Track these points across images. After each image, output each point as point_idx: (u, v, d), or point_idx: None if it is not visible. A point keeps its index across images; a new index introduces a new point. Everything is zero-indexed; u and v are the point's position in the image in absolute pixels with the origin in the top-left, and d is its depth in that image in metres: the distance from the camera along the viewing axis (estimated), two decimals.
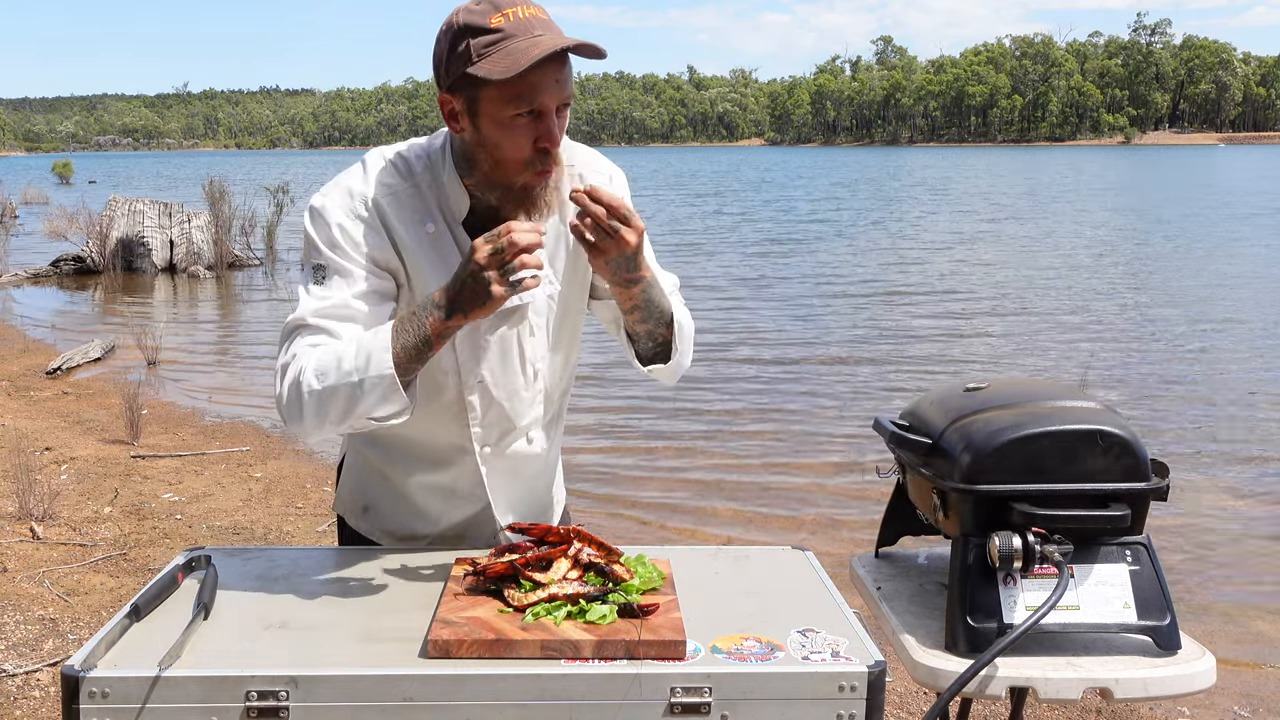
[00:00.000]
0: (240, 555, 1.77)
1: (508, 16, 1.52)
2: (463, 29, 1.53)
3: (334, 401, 1.52)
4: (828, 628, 1.49)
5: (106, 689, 1.32)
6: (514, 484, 1.85)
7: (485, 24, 1.52)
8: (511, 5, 1.53)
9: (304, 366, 1.55)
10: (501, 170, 1.59)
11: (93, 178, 54.90)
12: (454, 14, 1.56)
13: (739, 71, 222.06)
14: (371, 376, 1.50)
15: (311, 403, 1.53)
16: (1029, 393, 1.69)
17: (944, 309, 12.20)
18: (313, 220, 1.64)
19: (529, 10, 1.53)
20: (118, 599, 4.27)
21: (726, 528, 5.41)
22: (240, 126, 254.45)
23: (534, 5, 1.55)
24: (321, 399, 1.52)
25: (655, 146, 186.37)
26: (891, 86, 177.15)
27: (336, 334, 1.59)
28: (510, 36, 1.51)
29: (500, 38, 1.51)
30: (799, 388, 8.49)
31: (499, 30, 1.51)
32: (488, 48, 1.51)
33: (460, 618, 1.44)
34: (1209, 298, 12.88)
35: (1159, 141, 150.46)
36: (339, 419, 1.54)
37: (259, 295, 14.77)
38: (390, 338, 1.51)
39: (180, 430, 7.19)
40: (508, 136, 1.56)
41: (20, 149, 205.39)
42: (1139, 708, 3.51)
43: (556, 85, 1.53)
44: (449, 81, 1.56)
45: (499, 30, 1.51)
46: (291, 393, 1.55)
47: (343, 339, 1.58)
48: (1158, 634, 1.54)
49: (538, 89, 1.52)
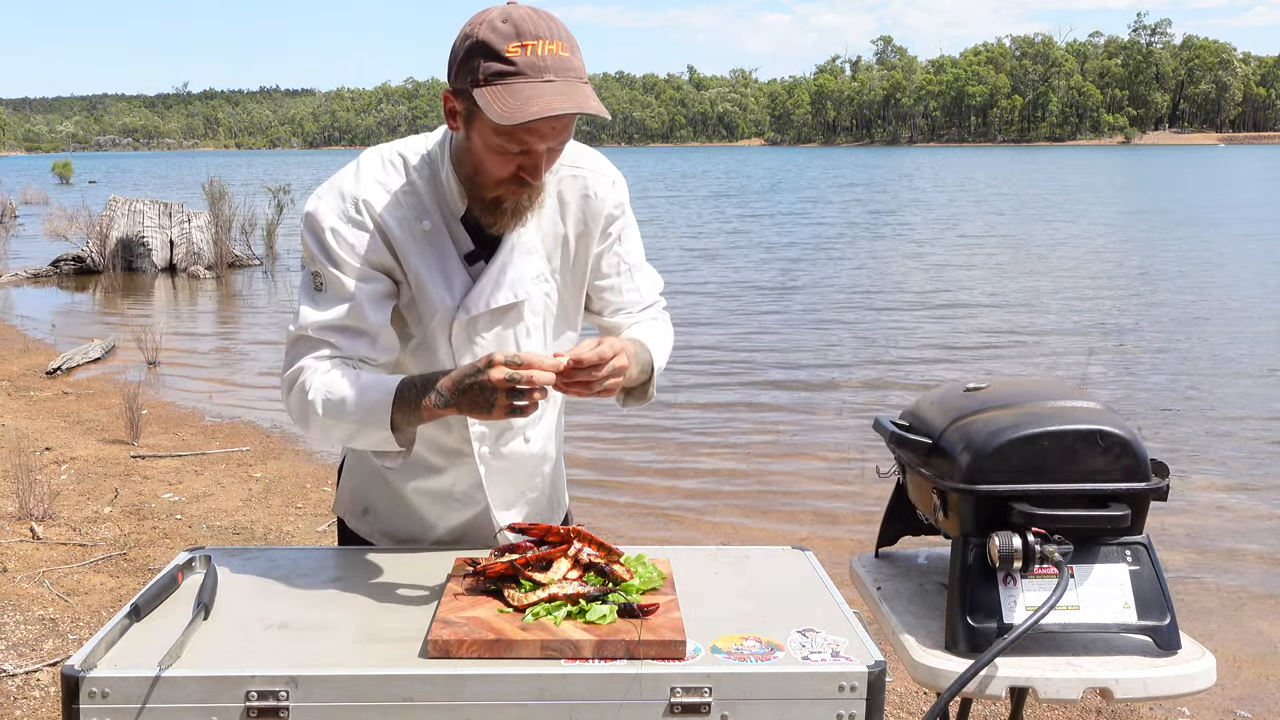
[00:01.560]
0: (240, 555, 1.77)
1: (525, 50, 1.48)
2: (479, 45, 1.51)
3: (335, 432, 1.63)
4: (828, 628, 1.49)
5: (106, 689, 1.32)
6: (512, 485, 1.85)
7: (502, 50, 1.48)
8: (534, 37, 1.49)
9: (312, 389, 1.60)
10: (479, 179, 1.61)
11: (93, 178, 54.86)
12: (480, 20, 1.53)
13: (739, 71, 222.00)
14: (370, 427, 1.59)
15: (316, 426, 1.63)
16: (1029, 393, 1.69)
17: (944, 309, 12.20)
18: (307, 227, 1.65)
19: (550, 46, 1.49)
20: (118, 599, 4.27)
21: (727, 527, 5.41)
22: (240, 126, 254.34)
23: (559, 40, 1.51)
24: (325, 428, 1.62)
25: (655, 146, 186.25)
26: (891, 86, 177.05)
27: (340, 346, 1.63)
28: (520, 75, 1.48)
29: (510, 72, 1.48)
30: (799, 387, 8.49)
31: (512, 64, 1.48)
32: (495, 78, 1.49)
33: (460, 618, 1.44)
34: (1210, 298, 12.88)
35: (1159, 141, 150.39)
36: (341, 445, 1.66)
37: (259, 295, 14.76)
38: (392, 398, 1.57)
39: (180, 430, 7.19)
40: (492, 158, 1.57)
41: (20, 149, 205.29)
42: (1139, 708, 3.51)
43: (551, 132, 1.53)
44: (454, 85, 1.56)
45: (512, 64, 1.48)
46: (297, 409, 1.64)
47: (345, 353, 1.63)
48: (1158, 634, 1.53)
49: (530, 134, 1.52)
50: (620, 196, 1.80)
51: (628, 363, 1.60)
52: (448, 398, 1.53)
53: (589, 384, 1.55)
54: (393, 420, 1.56)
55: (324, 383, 1.60)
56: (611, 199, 1.78)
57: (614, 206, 1.78)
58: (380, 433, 1.58)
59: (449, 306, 1.68)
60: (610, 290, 1.83)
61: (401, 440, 1.61)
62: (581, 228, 1.76)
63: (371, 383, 1.59)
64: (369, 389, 1.58)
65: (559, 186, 1.74)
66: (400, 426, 1.58)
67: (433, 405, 1.54)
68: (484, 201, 1.63)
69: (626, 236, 1.83)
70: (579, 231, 1.76)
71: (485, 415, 1.52)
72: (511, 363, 1.48)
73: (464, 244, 1.69)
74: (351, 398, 1.58)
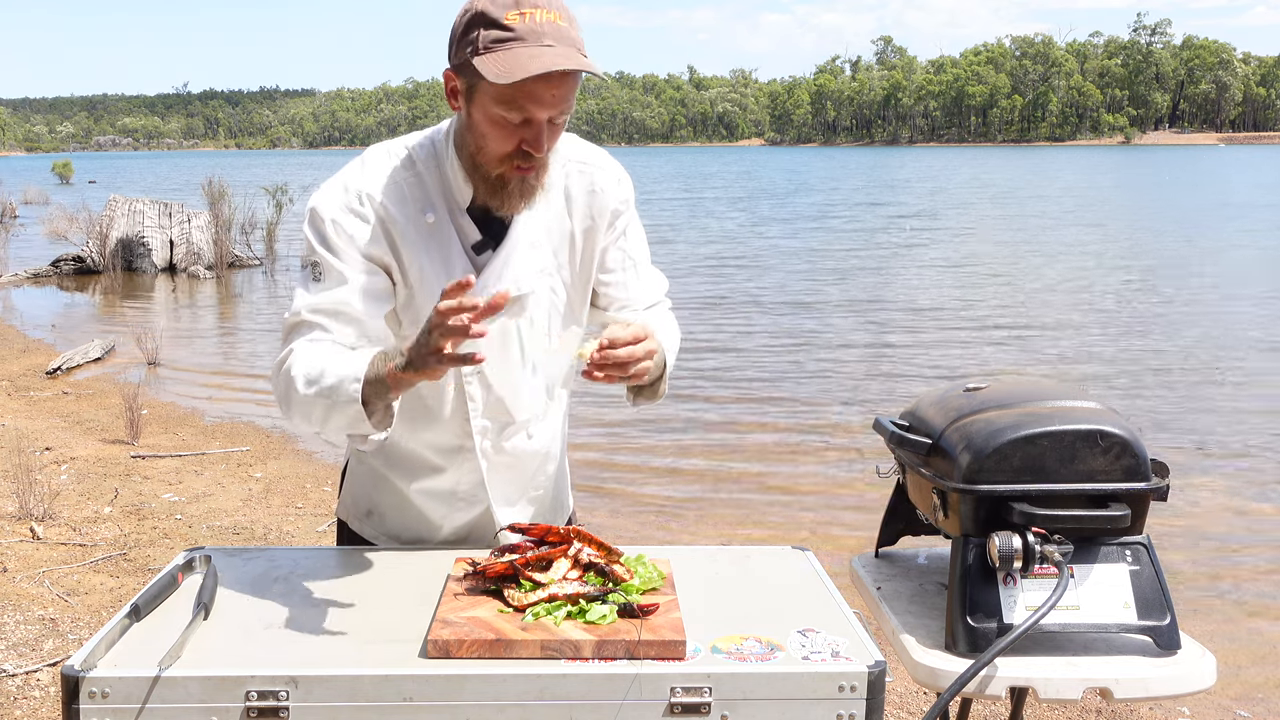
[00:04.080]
0: (240, 555, 1.77)
1: (524, 17, 1.50)
2: (478, 15, 1.53)
3: (313, 411, 1.57)
4: (828, 628, 1.49)
5: (106, 689, 1.32)
6: (514, 483, 1.85)
7: (500, 18, 1.51)
8: (534, 5, 1.51)
9: (294, 367, 1.58)
10: (482, 157, 1.60)
11: (93, 178, 54.84)
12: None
13: (739, 71, 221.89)
14: (342, 401, 1.52)
15: (298, 406, 1.58)
16: (1029, 393, 1.69)
17: (946, 308, 12.19)
18: (309, 218, 1.65)
19: (549, 14, 1.51)
20: (118, 599, 4.27)
21: (727, 528, 5.40)
22: (240, 127, 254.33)
23: (557, 10, 1.53)
24: (304, 406, 1.57)
25: (655, 146, 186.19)
26: (891, 86, 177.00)
27: (330, 330, 1.61)
28: (519, 39, 1.50)
29: (509, 37, 1.50)
30: (800, 387, 8.49)
31: (510, 30, 1.50)
32: (494, 44, 1.51)
33: (460, 618, 1.44)
34: (1210, 298, 12.88)
35: (1159, 141, 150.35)
36: (320, 426, 1.59)
37: (259, 295, 14.77)
38: (365, 368, 1.51)
39: (180, 430, 7.19)
40: (494, 131, 1.57)
41: (20, 149, 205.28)
42: (1139, 708, 3.51)
43: (552, 99, 1.53)
44: (454, 61, 1.57)
45: (510, 30, 1.50)
46: (281, 391, 1.61)
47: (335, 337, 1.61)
48: (1158, 634, 1.53)
49: (530, 100, 1.52)
50: (626, 193, 1.80)
51: (657, 348, 1.58)
52: (407, 359, 1.47)
53: (624, 364, 1.52)
54: (364, 394, 1.50)
55: (305, 358, 1.57)
56: (618, 194, 1.78)
57: (620, 202, 1.79)
58: (351, 407, 1.51)
59: None
60: (615, 285, 1.83)
61: (375, 419, 1.54)
62: (588, 222, 1.76)
63: (350, 357, 1.55)
64: (345, 363, 1.54)
65: (566, 181, 1.74)
66: (370, 399, 1.52)
67: (395, 369, 1.48)
68: (489, 182, 1.61)
69: (632, 233, 1.83)
70: (585, 226, 1.76)
71: (432, 370, 1.44)
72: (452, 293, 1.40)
73: (470, 235, 1.68)
74: (326, 370, 1.54)
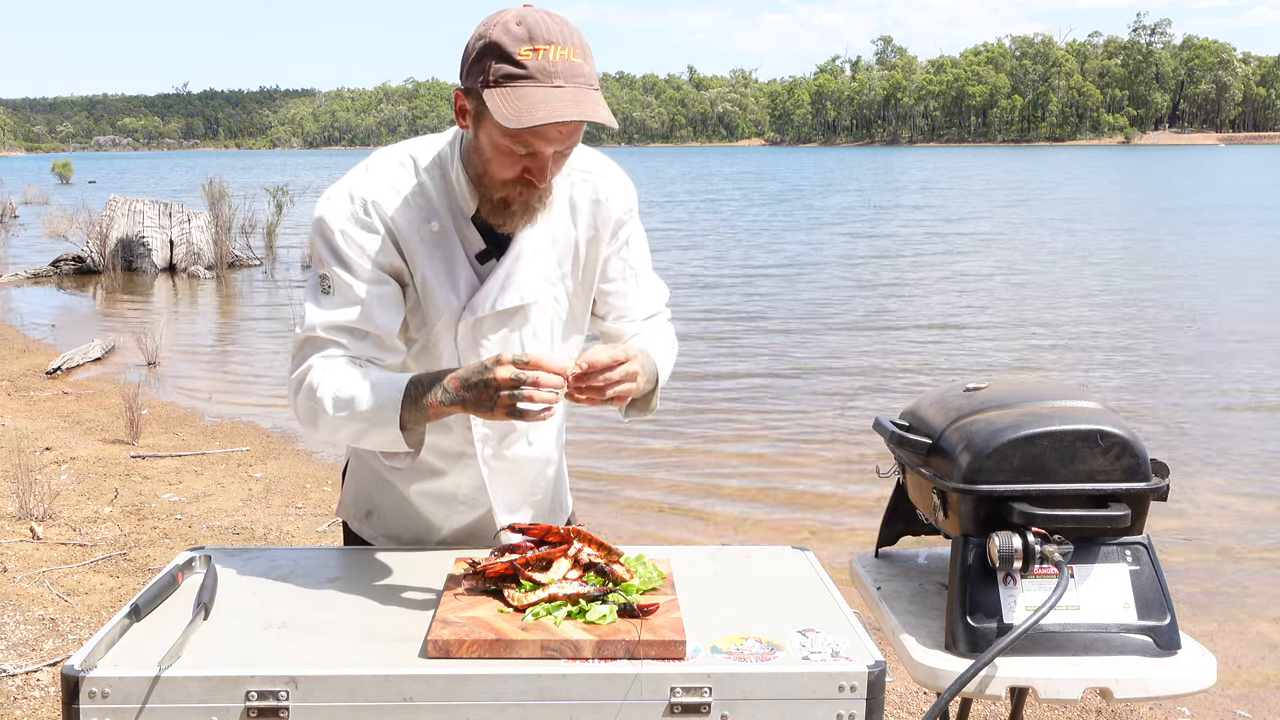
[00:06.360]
0: (240, 555, 1.77)
1: (537, 54, 1.48)
2: (492, 46, 1.50)
3: (344, 432, 1.62)
4: (828, 628, 1.49)
5: (106, 689, 1.32)
6: (515, 488, 1.85)
7: (513, 53, 1.48)
8: (548, 42, 1.49)
9: (321, 387, 1.59)
10: (487, 179, 1.61)
11: (93, 178, 54.86)
12: (494, 21, 1.52)
13: (739, 71, 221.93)
14: (379, 426, 1.58)
15: (325, 425, 1.61)
16: (1029, 393, 1.69)
17: (946, 308, 12.20)
18: (316, 229, 1.65)
19: (563, 51, 1.49)
20: (118, 599, 4.27)
21: (726, 528, 5.40)
22: (240, 127, 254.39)
23: (571, 46, 1.50)
24: (334, 427, 1.61)
25: (655, 147, 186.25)
26: (891, 86, 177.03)
27: (347, 345, 1.63)
28: (530, 79, 1.48)
29: (520, 76, 1.48)
30: (800, 387, 8.49)
31: (522, 67, 1.48)
32: (505, 80, 1.49)
33: (460, 618, 1.44)
34: (1210, 298, 12.87)
35: (1159, 141, 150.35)
36: (350, 443, 1.66)
37: (259, 295, 14.76)
38: (401, 395, 1.56)
39: (180, 430, 7.19)
40: (499, 158, 1.57)
41: (20, 149, 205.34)
42: (1139, 708, 3.50)
43: (558, 136, 1.53)
44: (465, 83, 1.56)
45: (522, 67, 1.48)
46: (305, 409, 1.63)
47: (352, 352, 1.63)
48: (1158, 634, 1.53)
49: (537, 137, 1.52)
50: (629, 202, 1.80)
51: (640, 370, 1.59)
52: (454, 394, 1.53)
53: (601, 389, 1.54)
54: (401, 419, 1.56)
55: (333, 380, 1.59)
56: (622, 203, 1.78)
57: (623, 211, 1.78)
58: (390, 431, 1.57)
59: (455, 307, 1.68)
60: (615, 295, 1.83)
61: (410, 440, 1.60)
62: (592, 232, 1.76)
63: (381, 380, 1.58)
64: (379, 386, 1.57)
65: (571, 190, 1.73)
66: (409, 425, 1.57)
67: (439, 402, 1.54)
68: (492, 202, 1.62)
69: (634, 242, 1.83)
70: (589, 236, 1.76)
71: (488, 414, 1.52)
72: (519, 362, 1.48)
73: (475, 244, 1.68)
74: (361, 395, 1.57)
